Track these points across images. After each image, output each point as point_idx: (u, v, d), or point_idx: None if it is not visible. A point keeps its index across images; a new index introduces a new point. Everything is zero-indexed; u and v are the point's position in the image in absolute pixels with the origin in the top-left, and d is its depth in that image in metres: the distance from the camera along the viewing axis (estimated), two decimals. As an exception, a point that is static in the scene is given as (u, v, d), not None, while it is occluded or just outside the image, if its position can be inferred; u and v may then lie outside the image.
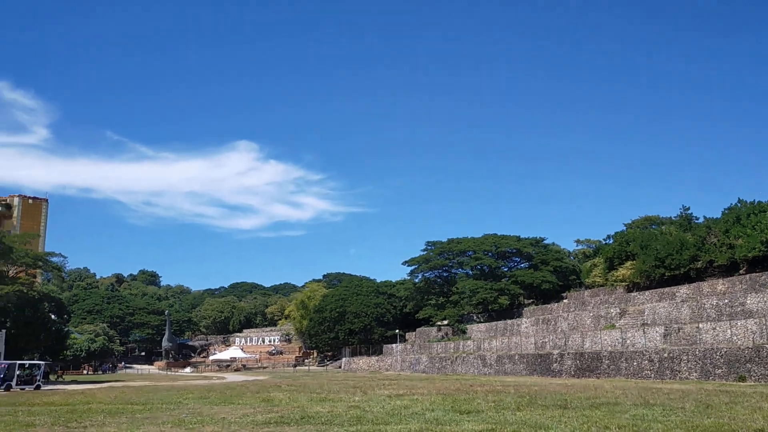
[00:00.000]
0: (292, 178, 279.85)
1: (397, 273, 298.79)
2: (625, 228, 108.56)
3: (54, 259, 52.82)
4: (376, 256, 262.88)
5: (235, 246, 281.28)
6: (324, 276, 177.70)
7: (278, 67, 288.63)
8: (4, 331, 47.52)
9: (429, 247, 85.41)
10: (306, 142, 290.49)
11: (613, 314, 52.91)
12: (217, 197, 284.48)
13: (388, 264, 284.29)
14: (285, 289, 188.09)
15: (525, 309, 75.58)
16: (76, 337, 79.24)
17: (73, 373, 78.66)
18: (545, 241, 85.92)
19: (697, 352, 34.65)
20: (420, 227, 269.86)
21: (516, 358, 51.70)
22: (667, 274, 57.61)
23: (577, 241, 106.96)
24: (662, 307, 48.36)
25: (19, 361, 40.16)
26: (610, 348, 45.04)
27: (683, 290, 52.06)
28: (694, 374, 34.24)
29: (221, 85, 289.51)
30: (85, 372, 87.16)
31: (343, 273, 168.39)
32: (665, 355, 36.72)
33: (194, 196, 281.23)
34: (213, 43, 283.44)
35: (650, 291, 56.11)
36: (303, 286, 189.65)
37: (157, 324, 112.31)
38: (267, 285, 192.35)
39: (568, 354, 45.38)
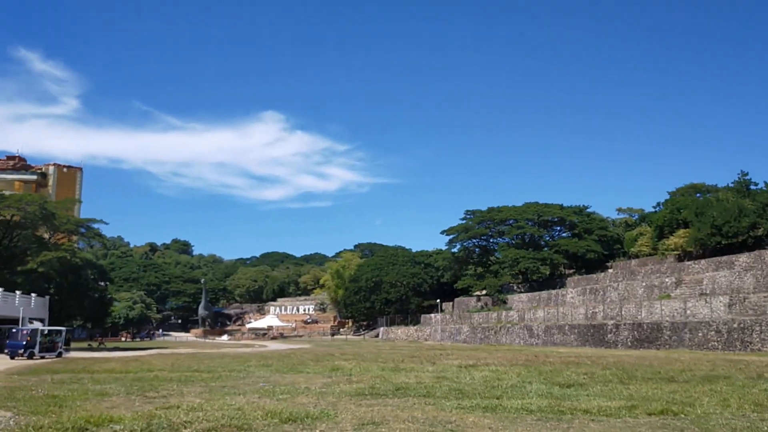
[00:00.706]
0: (319, 148, 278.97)
1: (429, 243, 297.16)
2: (669, 196, 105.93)
3: (95, 225, 52.25)
4: (404, 227, 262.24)
5: (262, 216, 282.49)
6: (355, 246, 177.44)
7: (303, 38, 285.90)
8: (47, 297, 47.21)
9: (468, 216, 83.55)
10: (332, 112, 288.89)
11: (668, 284, 50.86)
12: (244, 168, 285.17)
13: (418, 234, 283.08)
14: (315, 259, 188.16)
15: (569, 279, 73.64)
16: (115, 304, 79.52)
17: (111, 340, 79.15)
18: (588, 210, 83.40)
19: (773, 323, 32.69)
20: (448, 198, 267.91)
21: (566, 328, 50.09)
22: (723, 242, 55.21)
23: (619, 210, 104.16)
24: (722, 277, 46.19)
25: (41, 327, 37.86)
26: (668, 318, 43.18)
27: (743, 259, 49.73)
28: (769, 346, 32.34)
29: (247, 55, 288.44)
30: (123, 339, 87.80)
31: (375, 243, 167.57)
32: (735, 325, 34.80)
33: (221, 166, 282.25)
34: (240, 14, 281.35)
35: (706, 260, 53.83)
36: (335, 256, 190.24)
37: (193, 292, 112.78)
38: (297, 255, 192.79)
39: (625, 324, 43.62)
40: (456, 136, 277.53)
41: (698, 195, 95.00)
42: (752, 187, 60.59)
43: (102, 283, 51.55)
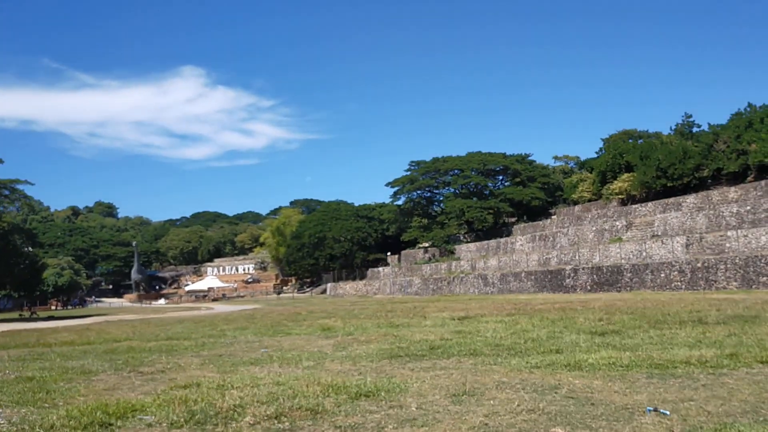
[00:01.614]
0: (243, 104, 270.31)
1: (366, 197, 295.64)
2: (603, 143, 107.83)
3: (19, 186, 47.92)
4: (338, 182, 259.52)
5: (187, 176, 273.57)
6: (291, 203, 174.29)
7: None
8: (-29, 266, 43.21)
9: (413, 167, 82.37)
10: (255, 66, 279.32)
11: (618, 227, 51.40)
12: (164, 126, 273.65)
13: (354, 189, 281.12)
14: (249, 218, 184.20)
15: (514, 227, 74.01)
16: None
17: (41, 309, 74.58)
18: (530, 158, 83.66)
19: (737, 261, 33.04)
20: (382, 152, 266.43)
21: (522, 275, 50.00)
22: (669, 184, 56.18)
23: (555, 158, 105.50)
24: (674, 218, 46.85)
25: None
26: (625, 261, 43.54)
27: (690, 200, 50.72)
28: (734, 283, 32.74)
29: (163, 6, 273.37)
30: (53, 308, 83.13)
31: (312, 199, 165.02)
32: (698, 265, 35.11)
33: (140, 125, 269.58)
34: None
35: (652, 202, 54.68)
36: (270, 214, 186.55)
37: (124, 256, 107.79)
38: (230, 214, 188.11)
39: (583, 269, 43.72)
40: (383, 89, 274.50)
41: (630, 140, 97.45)
42: (695, 129, 61.67)
43: (31, 249, 47.59)
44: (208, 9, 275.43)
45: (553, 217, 75.82)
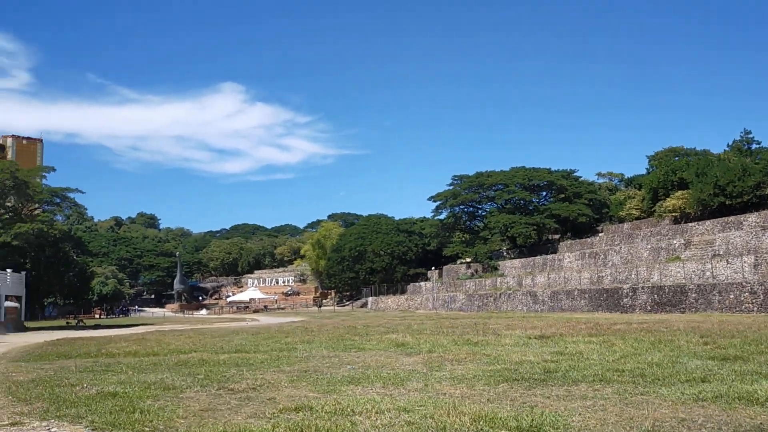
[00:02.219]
0: (281, 120, 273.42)
1: (403, 211, 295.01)
2: (648, 160, 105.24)
3: (70, 195, 48.24)
4: (374, 196, 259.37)
5: (225, 190, 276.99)
6: (329, 216, 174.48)
7: (262, 7, 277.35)
8: (24, 273, 43.44)
9: (456, 182, 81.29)
10: (293, 83, 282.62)
11: (676, 245, 49.51)
12: (204, 140, 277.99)
13: (389, 203, 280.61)
14: (287, 231, 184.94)
15: (561, 243, 72.26)
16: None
17: (85, 318, 75.14)
18: (575, 174, 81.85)
19: (816, 283, 31.19)
20: (417, 167, 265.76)
21: (575, 293, 48.39)
22: (727, 202, 54.10)
23: (599, 174, 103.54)
24: (737, 237, 44.91)
25: None
26: (685, 281, 41.73)
27: (752, 218, 48.60)
28: (811, 306, 30.87)
29: (205, 25, 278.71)
30: (97, 316, 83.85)
31: (350, 213, 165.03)
32: (771, 286, 33.26)
33: (181, 139, 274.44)
34: None
35: (711, 221, 52.60)
36: (308, 227, 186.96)
37: (167, 266, 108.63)
38: (269, 226, 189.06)
39: (642, 288, 41.99)
40: (421, 105, 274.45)
41: (676, 158, 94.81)
42: (754, 146, 59.46)
43: (80, 257, 47.79)
44: (249, 28, 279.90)
45: (600, 234, 73.86)
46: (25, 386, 10.16)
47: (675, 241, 50.00)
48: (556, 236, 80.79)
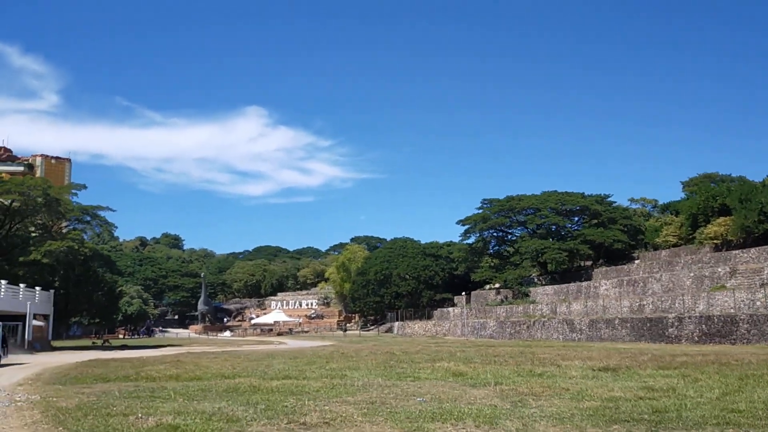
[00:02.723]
0: (302, 144, 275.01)
1: (429, 235, 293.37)
2: (682, 186, 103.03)
3: (101, 213, 47.85)
4: (395, 220, 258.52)
5: (246, 212, 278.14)
6: (352, 239, 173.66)
7: (285, 34, 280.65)
8: (52, 291, 42.88)
9: (485, 205, 79.90)
10: (315, 108, 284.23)
11: (721, 274, 47.56)
12: (227, 163, 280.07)
13: (417, 226, 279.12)
14: (309, 253, 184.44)
15: (595, 270, 70.32)
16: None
17: (110, 337, 74.58)
18: (609, 199, 79.97)
19: None
20: (443, 191, 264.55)
21: (616, 322, 46.62)
22: (774, 230, 52.15)
23: (632, 200, 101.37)
24: (788, 266, 42.96)
25: None
26: (731, 311, 39.91)
27: (802, 247, 46.63)
28: None
29: (230, 50, 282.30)
30: (121, 336, 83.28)
31: (372, 236, 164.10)
32: (832, 318, 31.44)
33: (205, 162, 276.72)
34: (222, 9, 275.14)
35: (756, 248, 50.61)
36: (329, 250, 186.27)
37: (191, 287, 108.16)
38: (291, 249, 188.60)
39: (689, 318, 40.19)
40: (435, 135, 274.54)
41: (712, 184, 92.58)
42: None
43: (109, 276, 47.19)
44: (273, 53, 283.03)
45: (636, 261, 71.82)
46: (73, 415, 9.15)
47: (720, 269, 48.10)
48: (588, 262, 78.92)
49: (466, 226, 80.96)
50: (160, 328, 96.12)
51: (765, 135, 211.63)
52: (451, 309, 79.30)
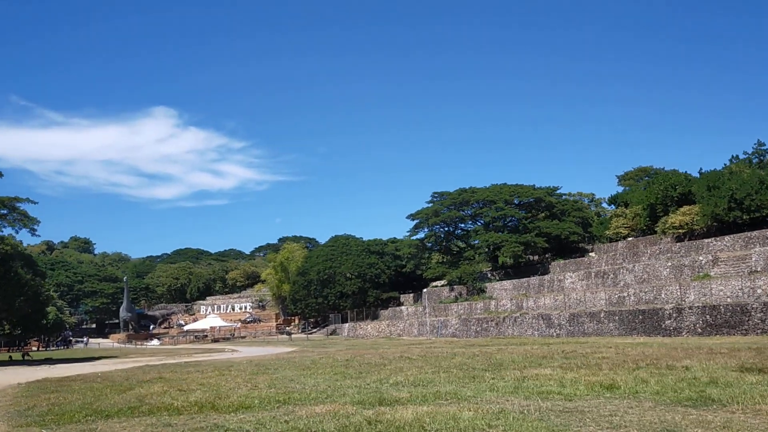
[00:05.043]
0: (214, 145, 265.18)
1: (367, 234, 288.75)
2: (618, 180, 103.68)
3: (20, 205, 40.66)
4: (315, 222, 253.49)
5: (155, 216, 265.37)
6: (280, 240, 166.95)
7: (195, 30, 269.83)
8: (-39, 297, 35.57)
9: (436, 199, 76.58)
10: (228, 108, 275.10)
11: (703, 262, 45.93)
12: (134, 165, 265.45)
13: (352, 225, 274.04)
14: (232, 255, 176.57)
15: (553, 264, 68.24)
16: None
17: (27, 350, 65.76)
18: (558, 191, 78.47)
19: None
20: (353, 193, 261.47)
21: (601, 315, 43.92)
22: (745, 216, 51.24)
23: (569, 194, 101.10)
24: (776, 252, 41.55)
25: None
26: (728, 300, 37.93)
27: (779, 233, 45.63)
28: None
29: (135, 47, 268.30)
30: (34, 348, 74.17)
31: (302, 236, 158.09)
32: None
33: (110, 164, 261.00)
34: (123, 2, 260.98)
35: (731, 236, 49.53)
36: (254, 252, 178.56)
37: (112, 292, 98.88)
38: (212, 251, 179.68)
39: (691, 308, 37.82)
40: (352, 135, 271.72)
41: (647, 177, 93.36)
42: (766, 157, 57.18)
43: (33, 278, 39.91)
44: (181, 51, 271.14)
45: (591, 254, 70.44)
46: None
47: (701, 258, 46.42)
48: (535, 257, 77.05)
49: (416, 221, 77.37)
50: (76, 339, 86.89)
51: (687, 130, 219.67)
52: (404, 308, 75.36)
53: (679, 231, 57.72)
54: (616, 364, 16.54)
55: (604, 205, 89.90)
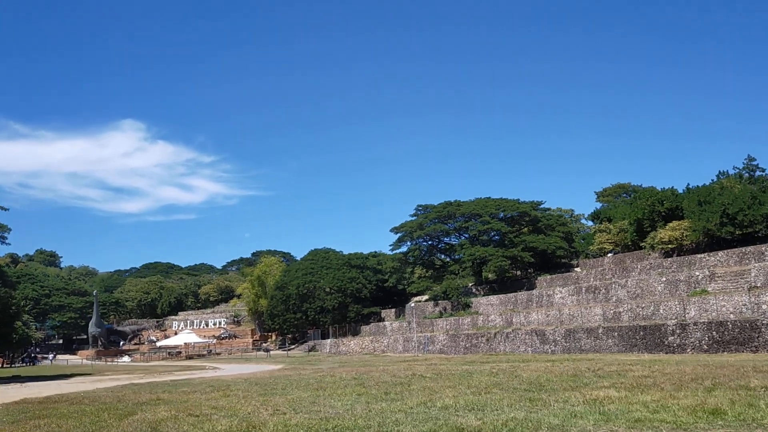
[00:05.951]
0: (183, 159, 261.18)
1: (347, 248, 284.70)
2: (596, 196, 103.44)
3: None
4: (280, 239, 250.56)
5: (122, 229, 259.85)
6: (252, 254, 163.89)
7: (164, 43, 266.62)
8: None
9: (420, 211, 75.14)
10: (197, 122, 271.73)
11: (700, 278, 45.11)
12: (100, 179, 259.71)
13: (319, 240, 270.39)
14: (204, 270, 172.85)
15: (539, 278, 67.14)
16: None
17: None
18: (542, 206, 77.57)
19: None
20: (326, 210, 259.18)
21: (599, 331, 42.70)
22: (738, 232, 50.73)
23: (552, 210, 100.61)
24: (774, 267, 40.87)
25: None
26: (731, 315, 37.02)
27: (774, 248, 45.09)
28: None
29: (103, 60, 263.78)
30: (-2, 366, 70.38)
31: (277, 250, 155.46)
32: None
33: (75, 177, 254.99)
34: (91, 13, 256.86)
35: (724, 252, 48.89)
36: (227, 266, 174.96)
37: (80, 306, 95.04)
38: (183, 266, 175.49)
39: (696, 324, 36.75)
40: (327, 150, 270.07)
41: (624, 194, 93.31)
42: (757, 173, 56.99)
43: (4, 289, 37.17)
44: (152, 64, 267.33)
45: (576, 269, 69.58)
46: None
47: (697, 273, 45.62)
48: (518, 272, 76.07)
49: (400, 234, 75.74)
50: (42, 355, 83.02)
51: (664, 148, 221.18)
52: (387, 323, 73.40)
53: (668, 246, 57.11)
54: (677, 383, 15.04)
55: (584, 221, 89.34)
